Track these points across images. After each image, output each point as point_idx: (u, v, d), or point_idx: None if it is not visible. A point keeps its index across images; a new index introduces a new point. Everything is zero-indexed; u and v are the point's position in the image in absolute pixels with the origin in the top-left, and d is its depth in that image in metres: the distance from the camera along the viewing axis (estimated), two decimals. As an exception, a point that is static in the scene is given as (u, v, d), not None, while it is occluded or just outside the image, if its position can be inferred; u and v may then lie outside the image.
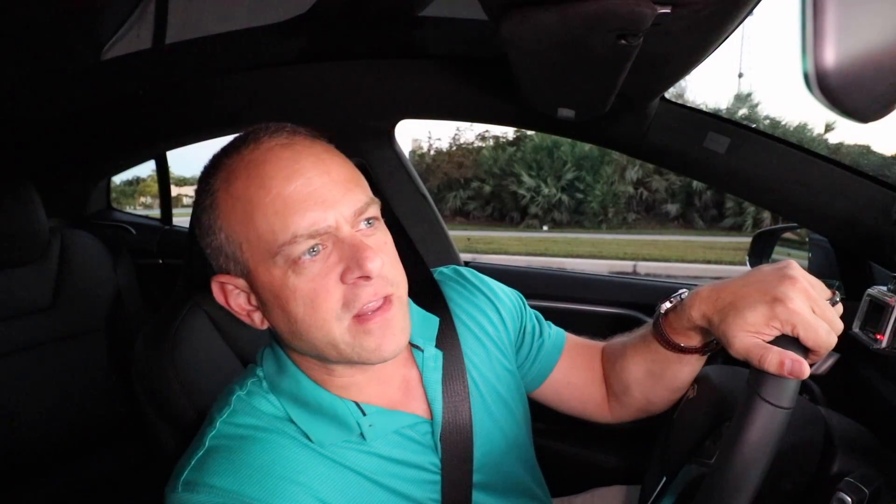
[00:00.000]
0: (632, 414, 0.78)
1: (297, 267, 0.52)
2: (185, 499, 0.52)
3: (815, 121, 12.65)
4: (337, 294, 0.53)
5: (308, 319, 0.54)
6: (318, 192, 0.53)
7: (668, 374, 0.70)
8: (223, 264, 0.57)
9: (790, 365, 0.49)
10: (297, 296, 0.53)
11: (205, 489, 0.52)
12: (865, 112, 0.37)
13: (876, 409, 0.78)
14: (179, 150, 1.84)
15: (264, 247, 0.53)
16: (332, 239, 0.53)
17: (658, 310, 0.68)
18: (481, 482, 0.66)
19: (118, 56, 1.36)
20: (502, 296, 0.78)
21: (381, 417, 0.60)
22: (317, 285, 0.53)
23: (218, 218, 0.55)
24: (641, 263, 8.50)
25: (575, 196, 13.01)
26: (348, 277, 0.53)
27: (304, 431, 0.58)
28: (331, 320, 0.53)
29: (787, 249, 1.31)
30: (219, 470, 0.53)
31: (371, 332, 0.54)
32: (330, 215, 0.53)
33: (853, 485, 0.55)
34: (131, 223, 2.01)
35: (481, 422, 0.67)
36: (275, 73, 1.37)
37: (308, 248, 0.52)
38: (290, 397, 0.60)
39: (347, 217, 0.54)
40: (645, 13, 0.57)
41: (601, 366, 0.80)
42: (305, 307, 0.53)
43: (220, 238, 0.56)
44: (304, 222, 0.52)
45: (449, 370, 0.66)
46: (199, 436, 0.58)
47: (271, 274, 0.53)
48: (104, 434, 1.54)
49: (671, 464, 0.67)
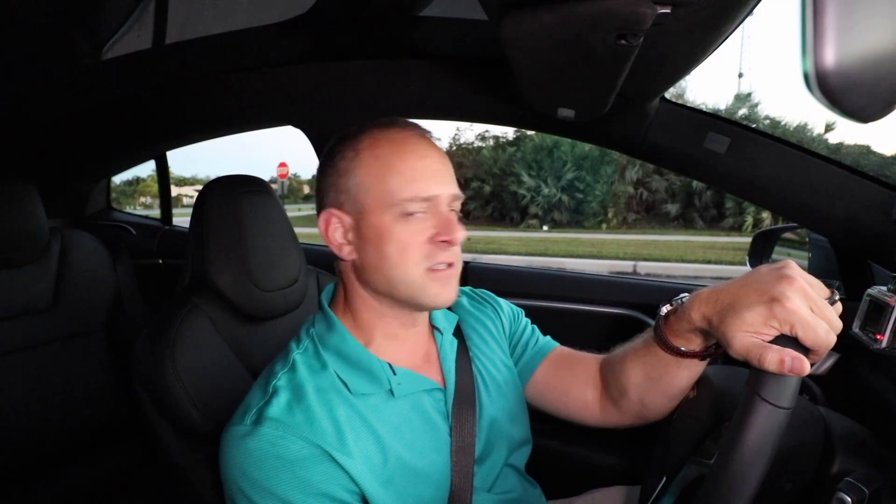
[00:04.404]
0: (627, 420, 0.79)
1: (406, 219, 0.67)
2: (251, 430, 0.62)
3: (815, 121, 12.69)
4: (424, 248, 0.68)
5: (396, 258, 0.67)
6: (439, 173, 0.70)
7: (667, 379, 0.70)
8: (342, 200, 0.71)
9: (790, 363, 0.49)
10: (395, 239, 0.67)
11: (270, 423, 0.62)
12: (865, 112, 0.37)
13: (876, 409, 0.78)
14: (179, 150, 1.85)
15: (387, 198, 0.67)
16: (434, 210, 0.69)
17: (659, 313, 0.69)
18: (481, 457, 0.76)
19: (118, 56, 1.36)
20: (504, 307, 0.93)
21: (408, 378, 0.72)
22: (412, 237, 0.68)
23: (358, 167, 0.69)
24: (641, 263, 8.50)
25: (575, 196, 13.03)
26: (438, 237, 0.68)
27: (345, 381, 0.68)
28: (412, 264, 0.68)
29: (787, 249, 1.31)
30: (284, 409, 0.63)
31: (437, 280, 0.69)
32: (442, 189, 0.69)
33: (853, 485, 0.55)
34: (131, 223, 2.01)
35: (484, 404, 0.78)
36: (275, 73, 1.37)
37: (419, 209, 0.68)
38: (336, 352, 0.71)
39: (449, 197, 0.70)
40: (645, 13, 0.57)
41: (595, 374, 0.83)
42: (398, 249, 0.67)
43: (352, 181, 0.69)
44: (423, 187, 0.67)
45: (460, 356, 0.79)
46: (263, 384, 0.68)
47: (382, 219, 0.68)
48: (104, 434, 1.55)
49: (671, 464, 0.67)
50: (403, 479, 0.66)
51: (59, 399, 1.44)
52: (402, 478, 0.66)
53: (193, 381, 0.87)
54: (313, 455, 0.61)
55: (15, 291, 1.39)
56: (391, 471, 0.65)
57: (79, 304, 1.51)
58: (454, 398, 0.74)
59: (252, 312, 1.01)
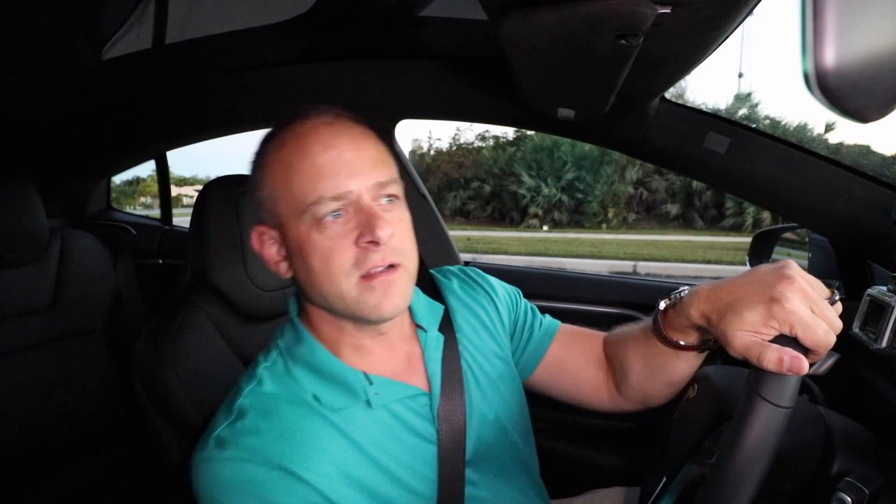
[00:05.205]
0: (630, 404, 0.79)
1: (320, 225, 0.60)
2: (215, 454, 0.58)
3: (815, 121, 12.68)
4: (350, 254, 0.60)
5: (323, 272, 0.61)
6: (347, 163, 0.61)
7: (666, 369, 0.71)
8: (263, 216, 0.66)
9: (789, 361, 0.49)
10: (316, 250, 0.61)
11: (234, 446, 0.58)
12: (865, 112, 0.37)
13: (876, 409, 0.78)
14: (179, 150, 1.85)
15: (296, 205, 0.61)
16: (354, 207, 0.61)
17: (657, 307, 0.69)
18: (473, 458, 0.71)
19: (118, 56, 1.36)
20: (499, 290, 0.85)
21: (386, 387, 0.66)
22: (333, 244, 0.60)
23: (265, 176, 0.64)
24: (641, 263, 8.50)
25: (575, 196, 13.02)
26: (361, 241, 0.60)
27: (316, 395, 0.64)
28: (341, 275, 0.60)
29: (787, 249, 1.31)
30: (248, 430, 0.60)
31: (374, 289, 0.61)
32: (353, 183, 0.60)
33: (853, 485, 0.55)
34: (131, 223, 2.01)
35: (475, 404, 0.72)
36: (275, 73, 1.37)
37: (331, 210, 0.60)
38: (305, 364, 0.66)
39: (369, 187, 0.61)
40: (645, 13, 0.57)
41: (601, 352, 0.82)
42: (321, 261, 0.61)
43: (265, 192, 0.64)
44: (329, 186, 0.60)
45: (448, 352, 0.73)
46: (226, 404, 0.64)
47: (298, 229, 0.61)
48: (104, 434, 1.54)
49: (671, 464, 0.67)
50: (386, 489, 0.63)
51: (59, 399, 1.44)
52: (385, 489, 0.63)
53: (193, 380, 0.87)
54: (280, 476, 0.58)
55: (15, 291, 1.39)
56: (373, 483, 0.62)
57: (79, 304, 1.51)
58: (440, 401, 0.69)
59: (252, 312, 1.01)
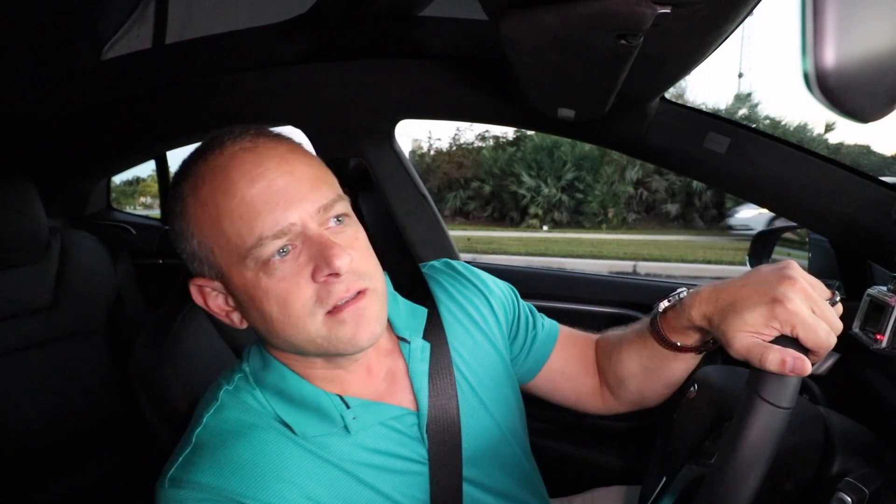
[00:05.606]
0: (625, 406, 0.79)
1: (267, 268, 0.53)
2: (171, 495, 0.54)
3: (815, 121, 12.65)
4: (309, 292, 0.54)
5: (282, 318, 0.54)
6: (281, 193, 0.53)
7: (664, 370, 0.70)
8: (198, 268, 0.58)
9: (791, 362, 0.49)
10: (269, 296, 0.54)
11: (189, 486, 0.53)
12: (865, 112, 0.37)
13: (876, 409, 0.78)
14: (179, 150, 1.84)
15: (234, 251, 0.54)
16: (301, 238, 0.54)
17: (656, 308, 0.69)
18: (472, 476, 0.66)
19: (118, 56, 1.36)
20: (494, 288, 0.78)
21: (366, 410, 0.61)
22: (288, 284, 0.54)
23: (189, 224, 0.56)
24: (641, 263, 8.48)
25: (575, 196, 13.00)
26: (318, 276, 0.53)
27: (289, 424, 0.58)
28: (304, 317, 0.54)
29: (787, 249, 1.31)
30: (204, 466, 0.54)
31: (345, 322, 0.55)
32: (293, 214, 0.53)
33: (853, 485, 0.55)
34: (131, 223, 2.01)
35: (470, 413, 0.67)
36: (275, 73, 1.37)
37: (277, 248, 0.53)
38: (275, 391, 0.60)
39: (312, 214, 0.54)
40: (645, 13, 0.57)
41: (594, 358, 0.81)
42: (279, 306, 0.54)
43: (193, 244, 0.57)
44: (268, 223, 0.52)
45: (436, 361, 0.66)
46: (187, 433, 0.59)
47: (244, 276, 0.54)
48: (104, 434, 1.54)
49: (671, 464, 0.67)
50: None
51: (59, 399, 1.44)
52: None
53: (192, 380, 0.87)
54: None
55: (15, 291, 1.39)
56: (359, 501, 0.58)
57: (79, 303, 1.50)
58: (429, 418, 0.63)
59: (252, 312, 1.01)
